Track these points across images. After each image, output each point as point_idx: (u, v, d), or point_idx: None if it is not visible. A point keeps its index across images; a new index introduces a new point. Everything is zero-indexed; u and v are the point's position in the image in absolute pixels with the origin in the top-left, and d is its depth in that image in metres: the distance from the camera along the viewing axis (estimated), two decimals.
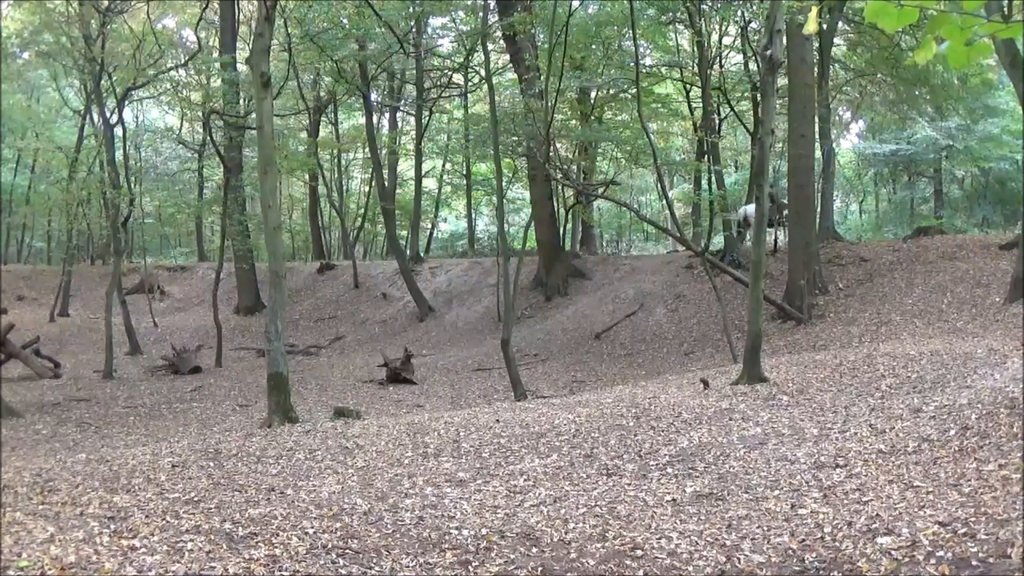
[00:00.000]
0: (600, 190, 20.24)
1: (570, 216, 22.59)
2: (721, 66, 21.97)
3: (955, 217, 24.86)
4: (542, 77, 15.61)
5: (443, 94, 27.05)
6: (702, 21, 18.16)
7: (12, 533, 3.85)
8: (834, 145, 21.62)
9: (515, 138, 17.89)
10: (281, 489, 5.37)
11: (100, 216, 24.30)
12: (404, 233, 27.83)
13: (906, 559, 3.42)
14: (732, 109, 22.01)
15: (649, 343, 16.16)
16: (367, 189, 30.66)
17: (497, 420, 7.55)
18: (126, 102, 21.39)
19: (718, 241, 21.21)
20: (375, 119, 25.16)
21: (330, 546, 4.03)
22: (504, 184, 18.38)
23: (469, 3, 21.19)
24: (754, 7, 18.52)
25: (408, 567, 3.80)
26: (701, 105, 21.04)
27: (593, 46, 19.47)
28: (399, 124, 29.45)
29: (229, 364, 17.03)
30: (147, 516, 4.39)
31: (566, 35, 14.59)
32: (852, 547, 3.62)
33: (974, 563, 3.26)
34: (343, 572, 3.73)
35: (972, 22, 2.18)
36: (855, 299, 15.40)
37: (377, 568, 3.79)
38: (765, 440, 5.92)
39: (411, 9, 20.45)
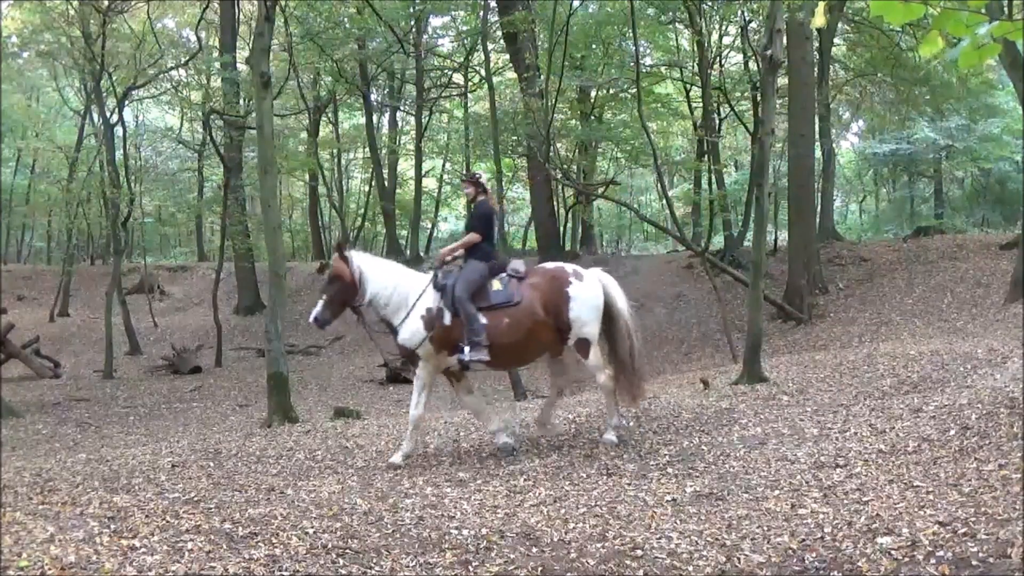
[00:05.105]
0: (600, 190, 20.24)
1: (570, 216, 22.62)
2: (721, 66, 21.96)
3: (955, 217, 24.85)
4: (542, 77, 15.62)
5: (443, 94, 27.03)
6: (702, 21, 18.16)
7: (12, 533, 3.85)
8: (834, 145, 21.62)
9: (515, 138, 17.89)
10: (281, 489, 5.37)
11: (100, 216, 24.29)
12: (404, 233, 27.81)
13: (906, 559, 3.42)
14: (732, 109, 22.01)
15: (649, 343, 16.12)
16: (367, 189, 30.64)
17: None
18: (126, 102, 21.37)
19: (718, 241, 21.19)
20: (375, 119, 25.16)
21: (330, 546, 4.03)
22: (504, 184, 18.36)
23: (469, 3, 21.18)
24: (754, 7, 18.52)
25: (408, 567, 3.79)
26: (701, 105, 21.03)
27: (593, 46, 19.49)
28: (399, 124, 29.42)
29: (229, 364, 17.02)
30: (147, 516, 4.39)
31: (566, 35, 14.59)
32: (852, 547, 3.62)
33: (974, 563, 3.26)
34: (343, 572, 3.73)
35: (977, 19, 2.17)
36: (855, 299, 15.40)
37: (377, 568, 3.79)
38: (765, 440, 5.92)
39: (411, 9, 20.44)
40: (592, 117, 21.77)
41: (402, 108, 28.02)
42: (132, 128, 27.03)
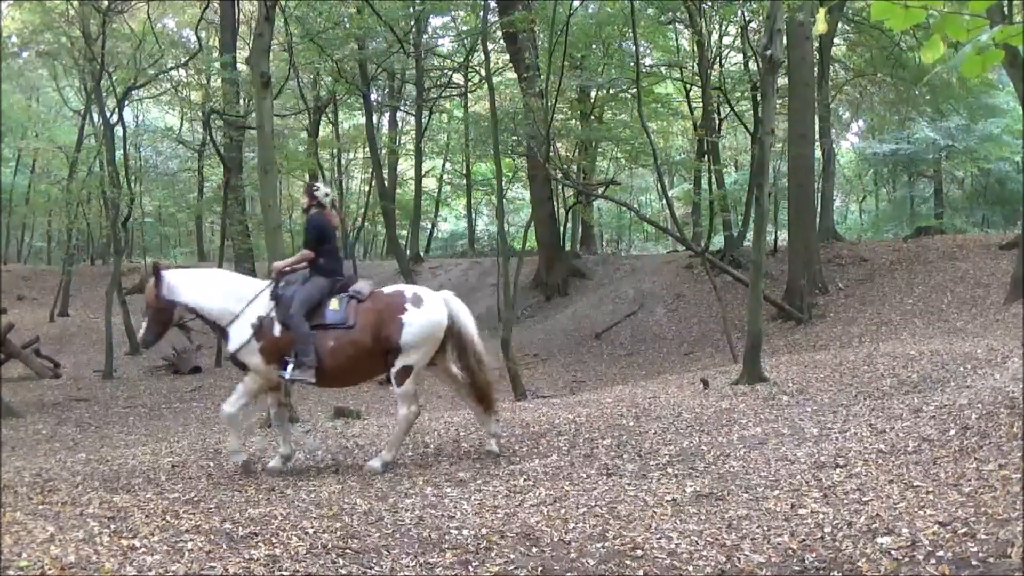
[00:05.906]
0: (600, 190, 20.25)
1: (570, 216, 22.60)
2: (721, 66, 21.96)
3: (955, 217, 24.84)
4: (542, 77, 15.61)
5: (443, 94, 27.03)
6: (702, 21, 18.17)
7: (12, 533, 3.85)
8: (834, 145, 21.62)
9: (515, 138, 17.87)
10: (281, 489, 5.38)
11: (100, 216, 24.28)
12: (404, 233, 27.80)
13: (906, 559, 3.42)
14: (732, 109, 22.01)
15: (649, 343, 16.16)
16: (367, 189, 30.63)
17: (497, 420, 7.54)
18: (126, 102, 21.37)
19: (718, 241, 21.19)
20: (375, 119, 25.13)
21: (330, 546, 4.03)
22: (504, 184, 18.36)
23: (469, 3, 21.17)
24: (754, 7, 18.52)
25: (408, 567, 3.79)
26: (701, 105, 21.03)
27: (593, 46, 19.47)
28: (399, 124, 29.43)
29: (229, 364, 16.97)
30: (147, 516, 4.39)
31: (566, 35, 14.58)
32: (852, 547, 3.62)
33: (974, 563, 3.26)
34: (343, 572, 3.73)
35: (978, 23, 2.16)
36: (855, 299, 15.40)
37: (377, 568, 3.79)
38: (765, 440, 5.92)
39: (411, 9, 20.43)
40: (592, 117, 21.76)
41: (402, 108, 28.01)
42: (132, 128, 27.01)
